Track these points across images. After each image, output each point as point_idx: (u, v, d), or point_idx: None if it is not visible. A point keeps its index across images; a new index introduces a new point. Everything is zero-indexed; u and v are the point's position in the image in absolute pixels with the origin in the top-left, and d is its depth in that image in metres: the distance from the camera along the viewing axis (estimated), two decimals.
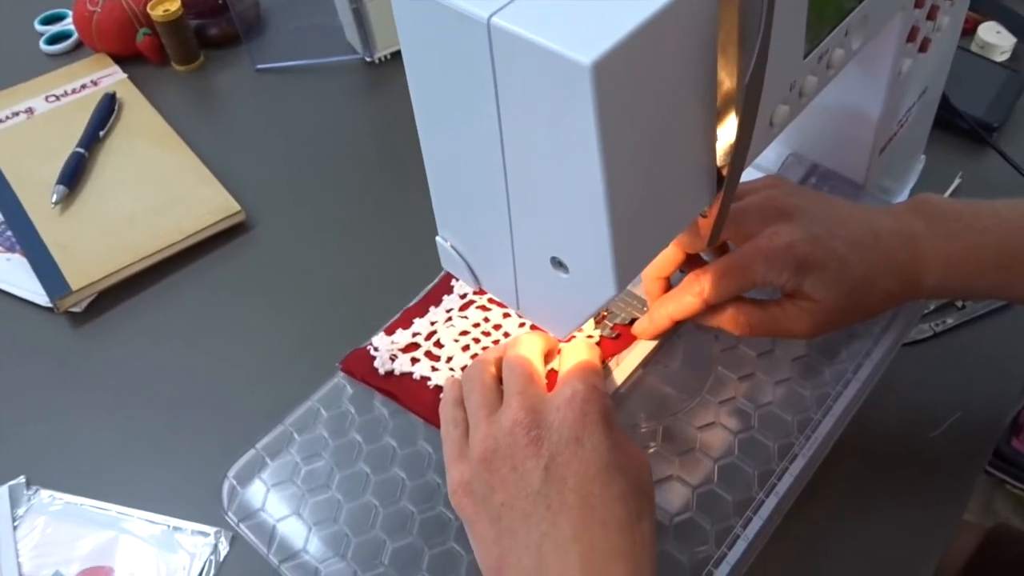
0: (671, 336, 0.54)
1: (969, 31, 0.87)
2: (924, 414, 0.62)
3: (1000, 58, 0.86)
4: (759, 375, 0.53)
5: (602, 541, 0.39)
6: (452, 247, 0.46)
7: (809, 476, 0.49)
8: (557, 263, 0.39)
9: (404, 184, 0.79)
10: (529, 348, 0.48)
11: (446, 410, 0.48)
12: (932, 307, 0.68)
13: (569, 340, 0.50)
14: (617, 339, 0.54)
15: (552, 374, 0.50)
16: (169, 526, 0.59)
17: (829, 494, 0.55)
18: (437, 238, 0.46)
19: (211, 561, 0.57)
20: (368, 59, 0.92)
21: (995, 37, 0.86)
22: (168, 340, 0.70)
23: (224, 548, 0.58)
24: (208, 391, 0.66)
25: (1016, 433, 1.20)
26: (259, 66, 0.94)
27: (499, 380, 0.47)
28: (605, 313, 0.54)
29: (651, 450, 0.50)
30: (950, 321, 0.68)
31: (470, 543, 0.43)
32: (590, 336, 0.54)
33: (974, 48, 0.87)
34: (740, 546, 0.46)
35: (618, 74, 0.30)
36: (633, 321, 0.54)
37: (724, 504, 0.47)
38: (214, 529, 0.58)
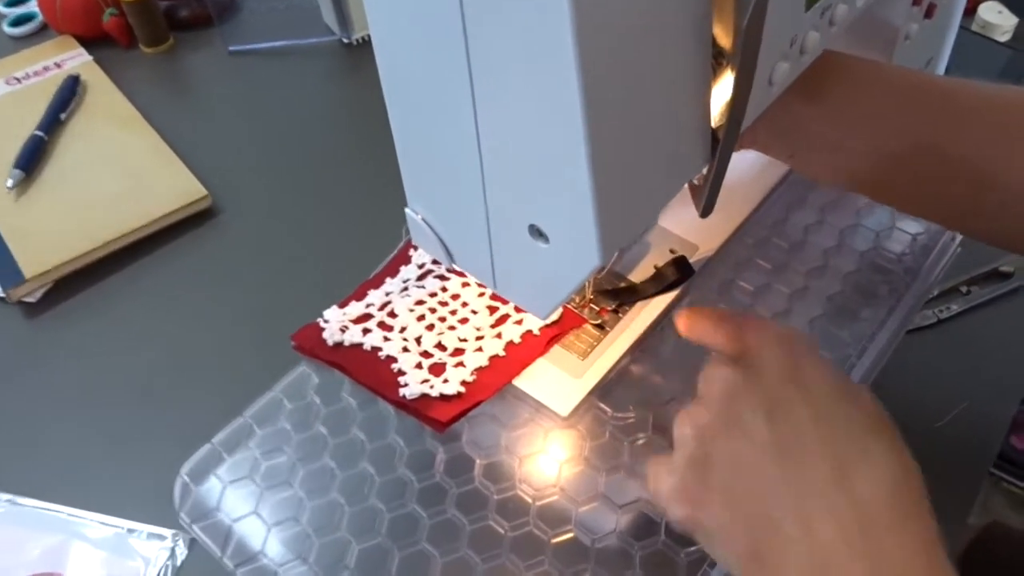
0: (661, 320, 0.51)
1: (970, 11, 0.84)
2: (929, 404, 0.58)
3: (1002, 38, 0.83)
4: None
5: (872, 477, 0.33)
6: (423, 220, 0.42)
7: None
8: (535, 232, 0.36)
9: (381, 170, 0.74)
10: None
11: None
12: (936, 293, 0.65)
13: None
14: (602, 330, 0.50)
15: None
16: (124, 529, 0.55)
17: None
18: (407, 210, 0.42)
19: (168, 566, 0.53)
20: (346, 40, 0.89)
21: (996, 17, 0.83)
22: (128, 331, 0.66)
23: (182, 552, 0.54)
24: (169, 384, 0.62)
25: (1015, 430, 1.17)
26: (232, 48, 0.90)
27: None
28: (590, 296, 0.50)
29: (640, 441, 0.46)
30: (954, 307, 0.64)
31: (708, 551, 0.36)
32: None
33: (975, 28, 0.84)
34: None
35: (601, 5, 0.27)
36: (620, 306, 0.50)
37: None
38: (171, 532, 0.54)
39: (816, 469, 0.33)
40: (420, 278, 0.53)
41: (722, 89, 0.36)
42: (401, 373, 0.48)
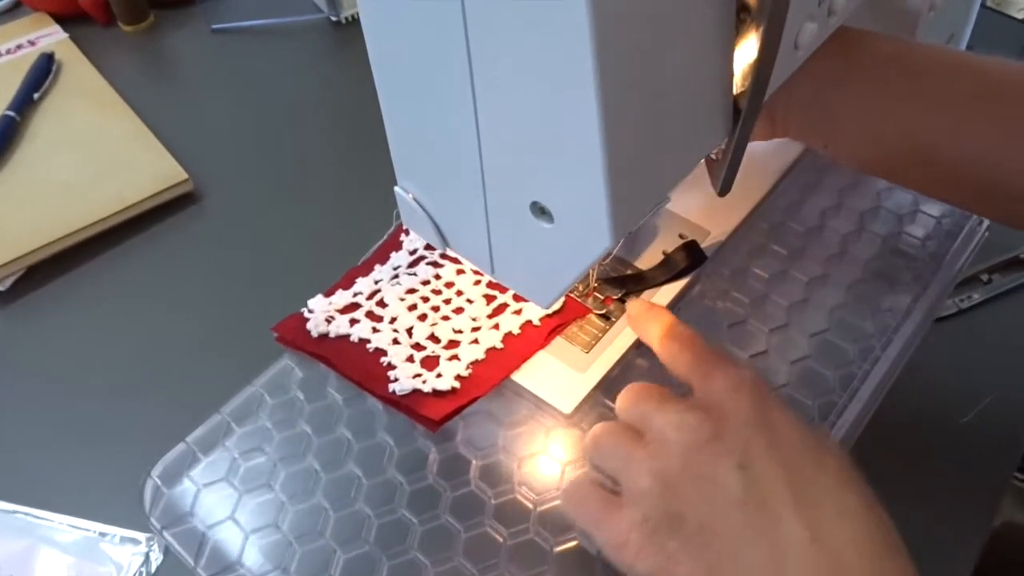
0: (671, 309, 0.47)
1: None
2: (951, 399, 0.55)
3: (1020, 15, 0.79)
4: (772, 354, 0.46)
5: (848, 541, 0.31)
6: (414, 199, 0.38)
7: None
8: (538, 210, 0.32)
9: (371, 154, 0.70)
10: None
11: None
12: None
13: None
14: (607, 320, 0.46)
15: None
16: (95, 532, 0.51)
17: None
18: (396, 189, 0.38)
19: (142, 573, 0.49)
20: (334, 18, 0.85)
21: None
22: (103, 322, 0.62)
23: (157, 558, 0.50)
24: (145, 379, 0.58)
25: None
26: (215, 26, 0.86)
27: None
28: (594, 284, 0.47)
29: None
30: (976, 296, 0.61)
31: None
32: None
33: (991, 3, 0.81)
34: None
35: None
36: (627, 294, 0.47)
37: None
38: (146, 536, 0.50)
39: (791, 525, 0.31)
40: (412, 265, 0.50)
41: (745, 51, 0.32)
42: (391, 367, 0.45)
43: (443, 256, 0.50)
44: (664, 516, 0.32)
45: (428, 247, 0.50)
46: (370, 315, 0.47)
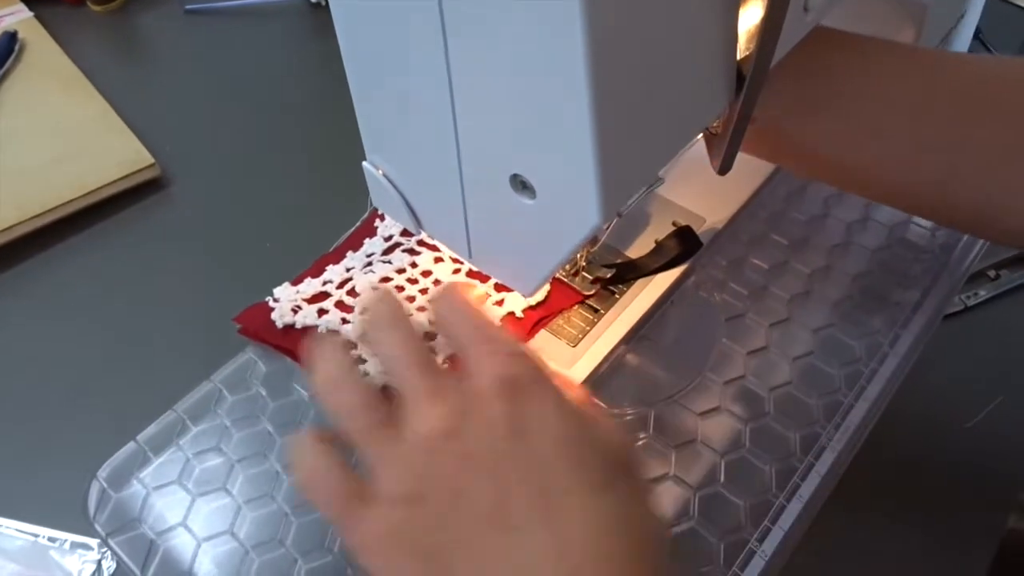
0: (663, 302, 0.44)
1: None
2: (959, 400, 0.53)
3: None
4: (773, 349, 0.43)
5: (593, 547, 0.28)
6: (384, 176, 0.35)
7: (839, 475, 0.39)
8: (519, 184, 0.29)
9: (347, 140, 0.67)
10: (400, 320, 0.34)
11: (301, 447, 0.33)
12: None
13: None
14: (595, 313, 0.43)
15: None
16: (44, 538, 0.48)
17: (852, 501, 0.45)
18: (364, 164, 0.35)
19: None
20: (312, 0, 0.81)
21: None
22: (60, 313, 0.58)
23: (109, 566, 0.46)
24: (100, 375, 0.55)
25: None
26: (188, 7, 0.83)
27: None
28: (583, 264, 0.44)
29: (641, 441, 0.39)
30: (983, 293, 0.58)
31: None
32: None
33: None
34: (757, 565, 0.35)
35: None
36: (617, 273, 0.43)
37: (734, 511, 0.37)
38: (97, 541, 0.47)
39: (535, 541, 0.28)
40: (386, 252, 0.46)
41: (751, 12, 0.29)
42: (362, 361, 0.41)
43: (420, 243, 0.46)
44: (410, 532, 0.29)
45: (405, 233, 0.47)
46: (340, 305, 0.44)
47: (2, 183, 0.64)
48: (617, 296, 0.44)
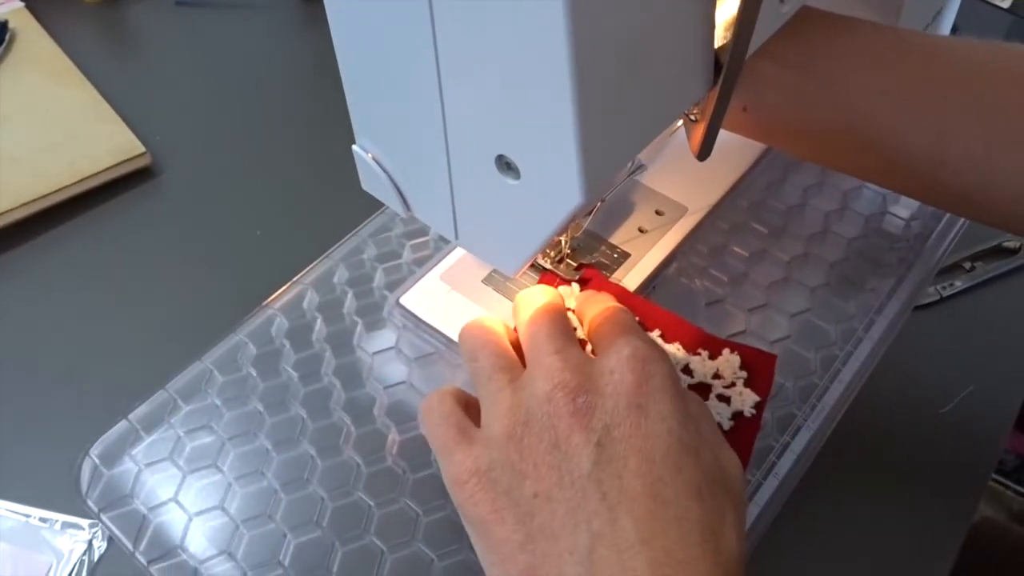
0: (643, 290, 0.45)
1: None
2: (932, 388, 0.54)
3: (1004, 3, 0.78)
4: (751, 334, 0.44)
5: (677, 546, 0.28)
6: (373, 159, 0.36)
7: (814, 455, 0.40)
8: (504, 165, 0.30)
9: (341, 133, 0.68)
10: (552, 302, 0.36)
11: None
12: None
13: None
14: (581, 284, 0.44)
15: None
16: (35, 518, 0.48)
17: (826, 481, 0.46)
18: (354, 147, 0.36)
19: (83, 561, 0.46)
20: None
21: None
22: (50, 301, 0.59)
23: (100, 545, 0.47)
24: (91, 357, 0.55)
25: None
26: None
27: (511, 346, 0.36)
28: (567, 251, 0.45)
29: None
30: (958, 284, 0.59)
31: (478, 550, 0.31)
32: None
33: None
34: None
35: None
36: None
37: None
38: (88, 522, 0.47)
39: (621, 520, 0.28)
40: None
41: (728, 3, 0.30)
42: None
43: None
44: (506, 472, 0.30)
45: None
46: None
47: None
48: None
